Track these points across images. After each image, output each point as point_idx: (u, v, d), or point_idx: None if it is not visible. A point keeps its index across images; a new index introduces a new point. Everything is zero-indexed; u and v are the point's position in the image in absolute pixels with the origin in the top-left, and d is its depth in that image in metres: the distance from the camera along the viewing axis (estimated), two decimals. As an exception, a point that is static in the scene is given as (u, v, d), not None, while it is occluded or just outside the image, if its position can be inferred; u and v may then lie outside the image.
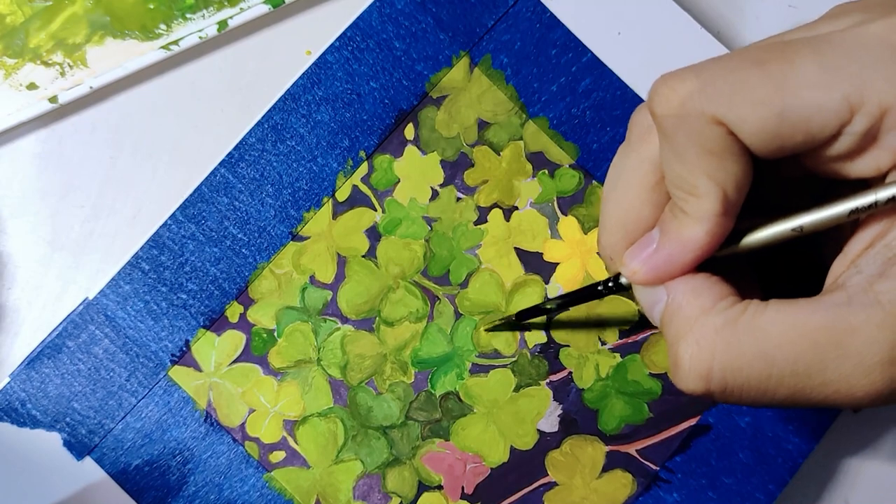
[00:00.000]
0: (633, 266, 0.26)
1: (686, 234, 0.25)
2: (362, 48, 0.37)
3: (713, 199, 0.24)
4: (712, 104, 0.23)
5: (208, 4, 0.38)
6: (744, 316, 0.24)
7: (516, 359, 0.36)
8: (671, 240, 0.25)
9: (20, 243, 0.38)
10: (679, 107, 0.23)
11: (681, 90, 0.23)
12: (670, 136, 0.24)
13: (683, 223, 0.25)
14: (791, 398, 0.24)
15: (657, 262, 0.26)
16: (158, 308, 0.35)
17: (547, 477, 0.35)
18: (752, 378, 0.24)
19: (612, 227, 0.28)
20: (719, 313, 0.24)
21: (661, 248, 0.26)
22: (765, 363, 0.23)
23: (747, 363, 0.23)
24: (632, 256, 0.27)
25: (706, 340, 0.24)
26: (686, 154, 0.24)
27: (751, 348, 0.23)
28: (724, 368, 0.24)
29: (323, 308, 0.36)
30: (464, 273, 0.36)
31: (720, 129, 0.23)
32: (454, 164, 0.37)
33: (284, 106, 0.36)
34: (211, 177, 0.36)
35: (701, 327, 0.24)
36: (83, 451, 0.35)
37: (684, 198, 0.25)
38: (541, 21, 0.37)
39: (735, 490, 0.35)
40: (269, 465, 0.35)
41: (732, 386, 0.24)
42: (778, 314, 0.23)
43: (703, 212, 0.24)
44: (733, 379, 0.24)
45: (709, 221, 0.24)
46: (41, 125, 0.39)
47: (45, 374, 0.35)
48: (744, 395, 0.24)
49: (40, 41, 0.38)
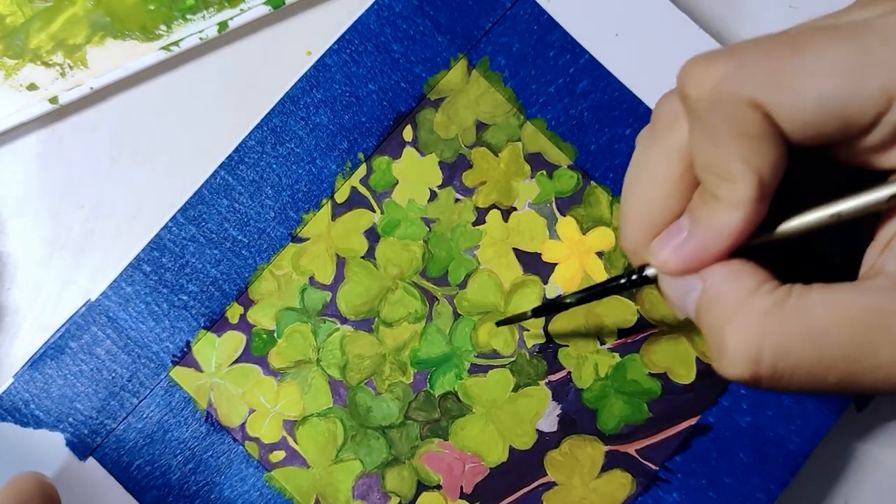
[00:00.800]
0: (662, 256, 0.26)
1: (719, 220, 0.24)
2: (361, 51, 0.37)
3: (749, 183, 0.23)
4: (749, 87, 0.22)
5: (209, 5, 0.38)
6: (790, 299, 0.23)
7: (515, 359, 0.36)
8: (703, 227, 0.24)
9: (20, 243, 0.38)
10: (713, 89, 0.23)
11: (715, 72, 0.23)
12: (703, 119, 0.23)
13: (716, 210, 0.24)
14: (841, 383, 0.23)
15: (689, 251, 0.25)
16: (160, 309, 0.35)
17: (546, 477, 0.35)
18: (803, 361, 0.23)
19: (636, 218, 0.27)
20: (765, 296, 0.23)
21: (692, 236, 0.25)
22: (815, 346, 0.23)
23: (798, 346, 0.23)
24: (661, 246, 0.26)
25: (754, 323, 0.23)
26: (720, 137, 0.23)
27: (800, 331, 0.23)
28: (775, 351, 0.23)
29: (322, 309, 0.36)
30: (462, 274, 0.36)
31: (757, 112, 0.22)
32: (452, 166, 0.37)
33: (283, 108, 0.36)
34: (211, 179, 0.36)
35: (748, 310, 0.23)
36: (86, 451, 0.35)
37: (717, 183, 0.24)
38: (538, 23, 0.37)
39: (735, 490, 0.35)
40: (269, 464, 0.35)
41: (782, 370, 0.23)
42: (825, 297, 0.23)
43: (738, 197, 0.23)
44: (784, 362, 0.23)
45: (744, 207, 0.23)
46: (41, 126, 0.39)
47: (48, 375, 0.35)
48: (793, 379, 0.23)
49: (41, 42, 0.38)
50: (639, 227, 0.27)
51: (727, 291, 0.24)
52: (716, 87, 0.23)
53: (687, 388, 0.36)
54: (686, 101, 0.24)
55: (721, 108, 0.23)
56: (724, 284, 0.24)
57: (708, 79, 0.23)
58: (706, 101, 0.23)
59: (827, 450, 0.38)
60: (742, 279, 0.24)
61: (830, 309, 0.23)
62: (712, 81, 0.23)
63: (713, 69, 0.23)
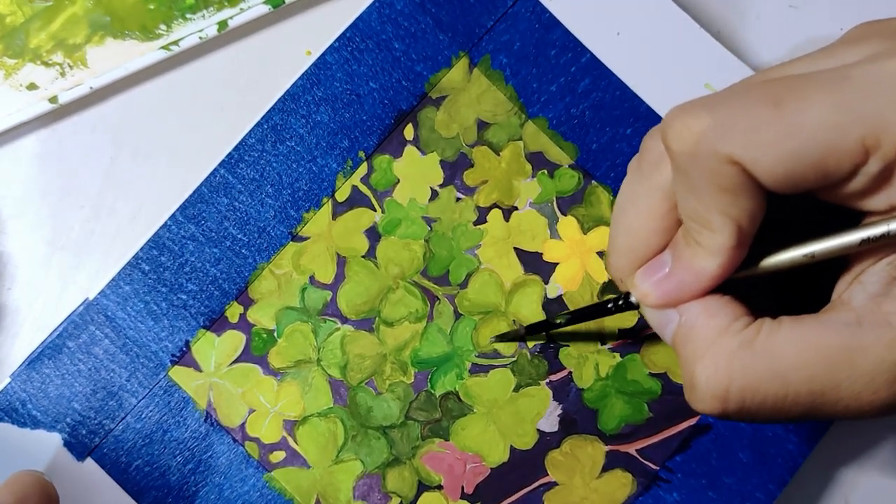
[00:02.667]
0: (643, 288, 0.27)
1: (699, 264, 0.25)
2: (362, 49, 0.37)
3: (727, 233, 0.24)
4: (727, 144, 0.23)
5: (208, 5, 0.38)
6: (759, 337, 0.24)
7: (516, 359, 0.36)
8: (684, 268, 0.26)
9: (20, 243, 0.38)
10: (693, 144, 0.23)
11: (695, 127, 0.23)
12: (685, 172, 0.24)
13: (697, 253, 0.25)
14: (805, 416, 0.24)
15: (668, 288, 0.26)
16: (158, 308, 0.35)
17: (547, 477, 0.35)
18: (769, 398, 0.24)
19: (622, 250, 0.28)
20: (735, 335, 0.25)
21: (673, 274, 0.26)
22: (781, 383, 0.24)
23: (764, 384, 0.24)
24: (643, 278, 0.27)
25: (723, 362, 0.24)
26: (700, 190, 0.24)
27: (767, 369, 0.24)
28: (742, 389, 0.24)
29: (323, 308, 0.36)
30: (463, 273, 0.36)
31: (734, 167, 0.23)
32: (454, 165, 0.37)
33: (284, 106, 0.36)
34: (211, 177, 0.36)
35: (717, 349, 0.25)
36: (84, 451, 0.35)
37: (698, 230, 0.25)
38: (540, 21, 0.37)
39: (735, 490, 0.35)
40: (269, 465, 0.35)
41: (749, 406, 0.24)
42: (792, 333, 0.24)
43: (717, 245, 0.25)
44: (751, 399, 0.24)
45: (722, 255, 0.25)
46: (41, 125, 0.39)
47: (45, 375, 0.35)
48: (760, 414, 0.25)
49: (40, 41, 0.38)
50: (624, 258, 0.28)
51: (700, 328, 0.26)
52: (696, 143, 0.23)
53: (687, 388, 0.36)
54: (669, 152, 0.25)
55: (700, 164, 0.24)
56: (697, 320, 0.26)
57: (689, 134, 0.24)
58: (687, 155, 0.24)
59: (826, 449, 0.38)
60: (715, 315, 0.26)
61: (796, 347, 0.24)
62: (693, 137, 0.24)
63: (693, 124, 0.24)
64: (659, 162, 0.27)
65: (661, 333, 0.28)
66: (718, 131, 0.23)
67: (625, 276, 0.29)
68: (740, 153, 0.23)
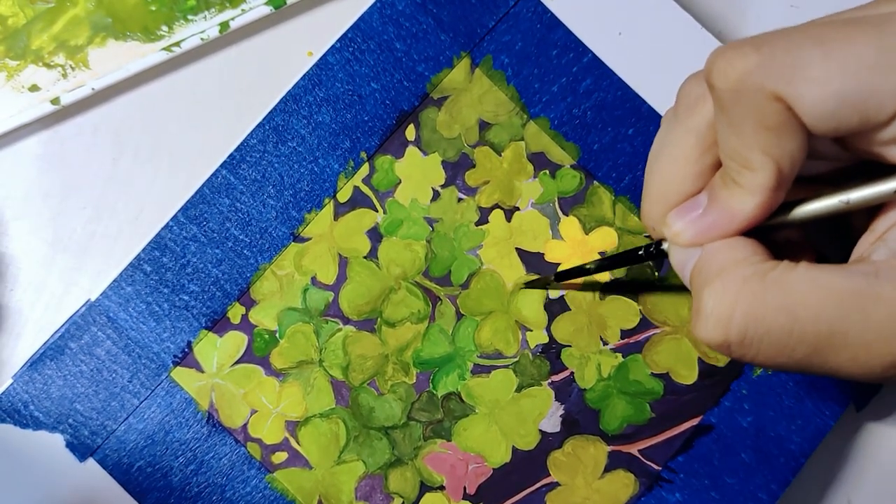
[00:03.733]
0: (676, 227, 0.27)
1: (736, 204, 0.25)
2: (363, 49, 0.37)
3: (768, 173, 0.24)
4: (772, 80, 0.23)
5: (210, 6, 0.38)
6: (774, 271, 0.24)
7: (518, 359, 0.36)
8: (720, 208, 0.26)
9: (22, 245, 0.38)
10: (738, 81, 0.23)
11: (740, 64, 0.23)
12: (728, 109, 0.24)
13: (734, 193, 0.25)
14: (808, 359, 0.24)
15: (702, 227, 0.26)
16: (160, 309, 0.35)
17: (549, 477, 0.35)
18: (773, 330, 0.24)
19: (655, 196, 0.28)
20: (750, 265, 0.24)
21: (708, 213, 0.26)
22: (788, 317, 0.23)
23: (770, 314, 0.23)
24: (677, 217, 0.27)
25: (732, 287, 0.24)
26: (743, 128, 0.24)
27: (775, 300, 0.23)
28: (746, 315, 0.24)
29: (324, 309, 0.36)
30: (465, 274, 0.36)
31: (779, 105, 0.23)
32: (455, 165, 0.37)
33: (286, 107, 0.36)
34: (212, 178, 0.36)
35: (728, 275, 0.24)
36: (86, 452, 0.35)
37: (738, 170, 0.25)
38: (541, 21, 0.37)
39: (737, 490, 0.35)
40: (271, 465, 0.35)
41: (752, 336, 0.24)
42: (807, 273, 0.24)
43: (756, 185, 0.24)
44: (754, 329, 0.24)
45: (761, 195, 0.24)
46: (43, 127, 0.39)
47: (47, 376, 0.35)
48: (762, 348, 0.24)
49: (42, 43, 0.38)
50: (658, 204, 0.28)
51: (717, 257, 0.25)
52: (740, 80, 0.23)
53: (689, 389, 0.36)
54: (712, 90, 0.24)
55: (745, 100, 0.23)
56: (717, 252, 0.25)
57: (733, 71, 0.23)
58: (731, 92, 0.24)
59: (828, 449, 0.38)
60: (735, 248, 0.25)
61: (809, 284, 0.23)
62: (737, 73, 0.23)
63: (738, 61, 0.23)
64: (695, 105, 0.27)
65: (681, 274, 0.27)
66: (764, 68, 0.23)
67: (657, 223, 0.28)
68: (785, 90, 0.23)
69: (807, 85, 0.22)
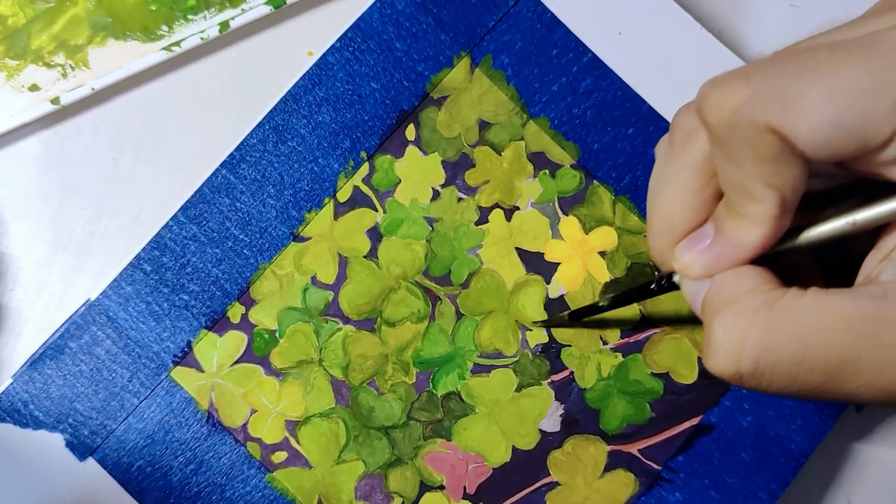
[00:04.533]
0: (686, 260, 0.27)
1: (742, 236, 0.25)
2: (363, 49, 0.37)
3: (771, 203, 0.24)
4: (765, 113, 0.23)
5: (210, 5, 0.38)
6: (783, 299, 0.24)
7: (518, 359, 0.36)
8: (726, 239, 0.26)
9: (22, 245, 0.38)
10: (730, 115, 0.23)
11: (732, 98, 0.23)
12: (723, 143, 0.24)
13: (739, 225, 0.25)
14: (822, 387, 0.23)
15: (710, 259, 0.26)
16: (160, 309, 0.35)
17: (549, 477, 0.35)
18: (785, 360, 0.23)
19: (660, 231, 0.28)
20: (759, 294, 0.24)
21: (715, 245, 0.26)
22: (799, 345, 0.23)
23: (781, 343, 0.23)
24: (685, 251, 0.27)
25: (742, 318, 0.24)
26: (741, 161, 0.24)
27: (786, 329, 0.23)
28: (757, 346, 0.23)
29: (324, 308, 0.36)
30: (465, 273, 0.36)
31: (774, 136, 0.23)
32: (455, 165, 0.37)
33: (286, 107, 0.36)
34: (212, 178, 0.36)
35: (738, 305, 0.24)
36: (85, 451, 0.35)
37: (741, 201, 0.25)
38: (541, 21, 0.37)
39: (737, 490, 0.35)
40: (271, 465, 0.35)
41: (763, 367, 0.24)
42: (816, 299, 0.23)
43: (760, 215, 0.24)
44: (765, 359, 0.23)
45: (766, 224, 0.24)
46: (43, 126, 0.39)
47: (47, 375, 0.35)
48: (774, 378, 0.24)
49: (42, 42, 0.38)
50: (663, 238, 0.28)
51: (727, 287, 0.25)
52: (733, 114, 0.23)
53: (689, 388, 0.36)
54: (706, 125, 0.24)
55: (740, 134, 0.23)
56: (726, 281, 0.25)
57: (725, 105, 0.23)
58: (725, 127, 0.24)
59: (828, 449, 0.38)
60: (744, 278, 0.25)
61: (819, 311, 0.23)
62: (729, 108, 0.23)
63: (730, 95, 0.23)
64: (689, 138, 0.27)
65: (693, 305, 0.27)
66: (755, 101, 0.23)
67: (666, 257, 0.28)
68: (779, 121, 0.23)
69: (800, 115, 0.22)
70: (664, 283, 0.29)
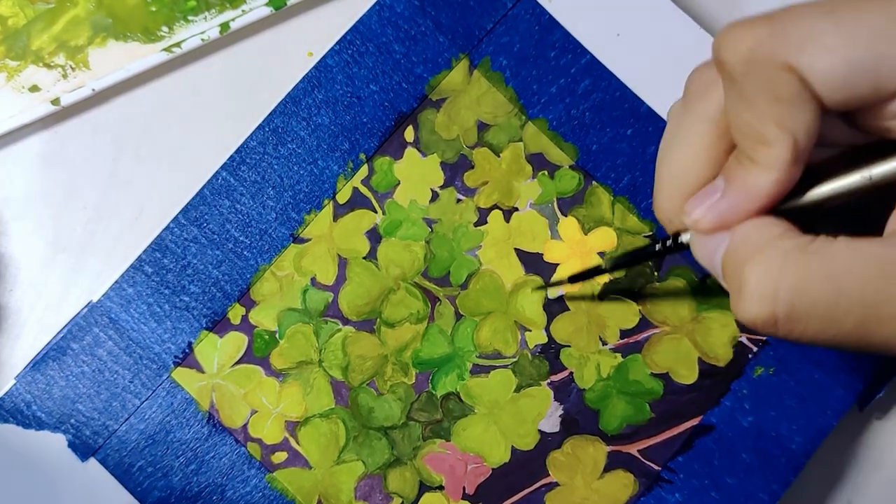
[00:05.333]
0: (696, 214, 0.26)
1: (754, 181, 0.25)
2: (362, 51, 0.37)
3: (784, 146, 0.24)
4: (783, 50, 0.23)
5: (210, 7, 0.38)
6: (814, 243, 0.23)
7: (517, 359, 0.36)
8: (738, 187, 0.25)
9: (22, 245, 0.38)
10: (749, 52, 0.23)
11: (751, 36, 0.23)
12: (739, 82, 0.24)
13: (751, 171, 0.25)
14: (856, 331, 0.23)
15: (723, 210, 0.25)
16: (161, 310, 0.35)
17: (548, 477, 0.35)
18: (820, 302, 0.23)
19: (669, 187, 0.28)
20: (789, 239, 0.24)
21: (726, 195, 0.25)
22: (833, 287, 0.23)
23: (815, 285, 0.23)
24: (695, 205, 0.26)
25: (775, 261, 0.23)
26: (756, 101, 0.23)
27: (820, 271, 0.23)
28: (792, 288, 0.23)
29: (324, 310, 0.36)
30: (464, 274, 0.36)
31: (791, 75, 0.23)
32: (454, 166, 0.37)
33: (285, 109, 0.36)
34: (213, 180, 0.36)
35: (770, 249, 0.24)
36: (87, 452, 0.35)
37: (753, 146, 0.24)
38: (539, 23, 0.37)
39: (738, 490, 0.35)
40: (271, 465, 0.35)
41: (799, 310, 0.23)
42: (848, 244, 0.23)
43: (772, 159, 0.24)
44: (800, 301, 0.23)
45: (778, 169, 0.24)
46: (43, 127, 0.39)
47: (49, 376, 0.35)
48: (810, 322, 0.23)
49: (42, 43, 0.38)
50: (673, 194, 0.27)
51: (752, 236, 0.25)
52: (751, 51, 0.23)
53: (689, 389, 0.36)
54: (722, 66, 0.24)
55: (756, 72, 0.23)
56: (750, 230, 0.25)
57: (743, 43, 0.23)
58: (741, 65, 0.23)
59: (829, 449, 0.38)
60: (769, 226, 0.25)
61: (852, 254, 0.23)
62: (748, 46, 0.23)
63: (748, 34, 0.23)
64: (704, 91, 0.27)
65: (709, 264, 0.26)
66: (775, 39, 0.23)
67: (674, 214, 0.28)
68: (797, 59, 0.22)
69: (818, 54, 0.22)
70: (670, 243, 0.29)
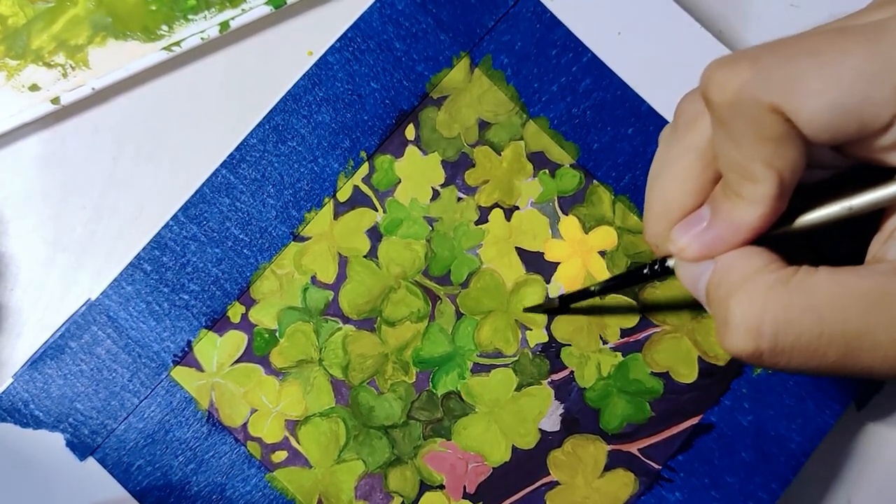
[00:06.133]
0: (681, 242, 0.27)
1: (739, 216, 0.25)
2: (363, 49, 0.37)
3: (770, 183, 0.24)
4: (769, 92, 0.23)
5: (210, 5, 0.38)
6: (796, 276, 0.24)
7: (518, 358, 0.36)
8: (723, 220, 0.26)
9: (22, 244, 0.38)
10: (735, 94, 0.23)
11: (736, 78, 0.24)
12: (726, 122, 0.24)
13: (737, 205, 0.25)
14: (839, 361, 0.24)
15: (707, 240, 0.26)
16: (160, 309, 0.35)
17: (549, 476, 0.35)
18: (804, 335, 0.23)
19: (658, 214, 0.28)
20: (771, 272, 0.24)
21: (711, 226, 0.26)
22: (816, 319, 0.23)
23: (798, 318, 0.23)
24: (681, 232, 0.27)
25: (758, 295, 0.24)
26: (742, 140, 0.24)
27: (802, 304, 0.23)
28: (776, 322, 0.24)
29: (324, 308, 0.36)
30: (465, 273, 0.36)
31: (776, 116, 0.23)
32: (455, 165, 0.37)
33: (285, 107, 0.36)
34: (212, 178, 0.36)
35: (753, 284, 0.24)
36: (86, 451, 0.35)
37: (739, 182, 0.25)
38: (541, 21, 0.37)
39: (738, 489, 0.35)
40: (271, 465, 0.35)
41: (783, 343, 0.24)
42: (829, 276, 0.24)
43: (758, 196, 0.24)
44: (784, 335, 0.24)
45: (764, 205, 0.25)
46: (43, 126, 0.39)
47: (47, 375, 0.35)
48: (794, 354, 0.24)
49: (42, 42, 0.38)
50: (660, 220, 0.28)
51: (736, 268, 0.25)
52: (737, 93, 0.24)
53: (689, 388, 0.36)
54: (709, 105, 0.25)
55: (743, 113, 0.24)
56: (734, 262, 0.25)
57: (730, 84, 0.24)
58: (728, 105, 0.24)
59: (829, 448, 0.38)
60: (752, 258, 0.25)
61: (833, 286, 0.23)
62: (734, 87, 0.24)
63: (735, 75, 0.24)
64: (693, 122, 0.27)
65: (694, 290, 0.27)
66: (760, 81, 0.23)
67: (661, 241, 0.28)
68: (782, 101, 0.23)
69: (803, 97, 0.23)
70: (657, 267, 0.29)
